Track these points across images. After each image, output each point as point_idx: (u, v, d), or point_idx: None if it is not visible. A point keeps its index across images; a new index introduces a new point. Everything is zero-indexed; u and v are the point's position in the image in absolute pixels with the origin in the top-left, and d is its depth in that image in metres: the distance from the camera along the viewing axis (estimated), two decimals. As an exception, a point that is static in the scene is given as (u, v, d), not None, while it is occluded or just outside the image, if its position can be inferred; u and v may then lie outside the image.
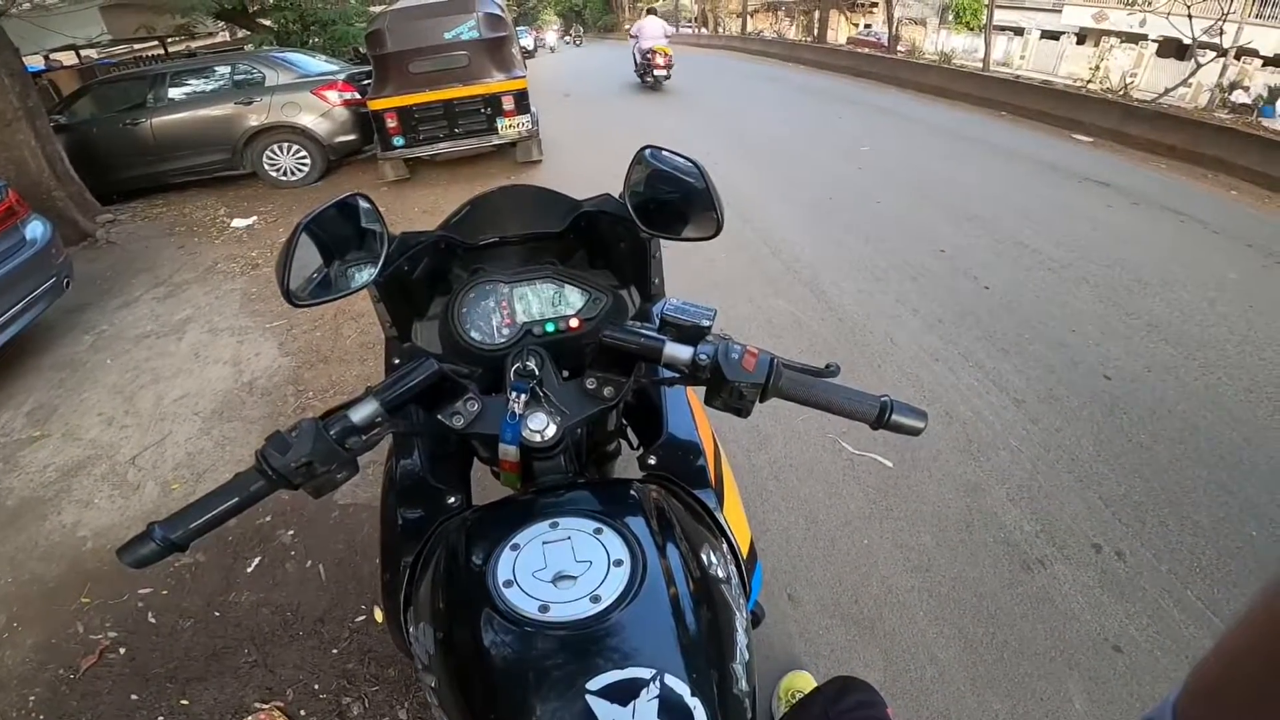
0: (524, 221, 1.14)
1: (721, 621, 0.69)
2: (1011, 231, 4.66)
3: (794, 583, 2.02)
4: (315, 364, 3.45)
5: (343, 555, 2.24)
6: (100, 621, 2.11)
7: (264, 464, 0.70)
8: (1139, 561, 2.04)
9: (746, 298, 3.81)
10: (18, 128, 5.47)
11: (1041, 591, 1.96)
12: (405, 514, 0.91)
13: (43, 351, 3.86)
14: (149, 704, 1.84)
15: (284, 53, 8.11)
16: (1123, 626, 1.85)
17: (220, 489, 0.71)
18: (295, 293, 0.82)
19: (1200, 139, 6.88)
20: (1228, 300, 3.59)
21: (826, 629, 1.88)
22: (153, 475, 2.75)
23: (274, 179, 7.27)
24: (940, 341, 3.24)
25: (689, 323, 0.81)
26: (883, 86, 12.17)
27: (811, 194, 5.73)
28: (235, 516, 0.71)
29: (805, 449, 2.55)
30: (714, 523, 0.87)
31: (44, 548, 2.45)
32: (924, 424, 0.77)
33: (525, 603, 0.64)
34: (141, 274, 5.00)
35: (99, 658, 1.98)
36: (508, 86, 6.49)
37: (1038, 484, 2.35)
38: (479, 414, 0.86)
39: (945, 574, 2.03)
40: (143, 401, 3.29)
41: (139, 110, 7.01)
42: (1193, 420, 2.63)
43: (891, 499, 2.31)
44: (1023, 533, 2.16)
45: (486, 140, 6.72)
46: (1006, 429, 2.62)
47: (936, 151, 7.11)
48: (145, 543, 0.68)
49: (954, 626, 1.87)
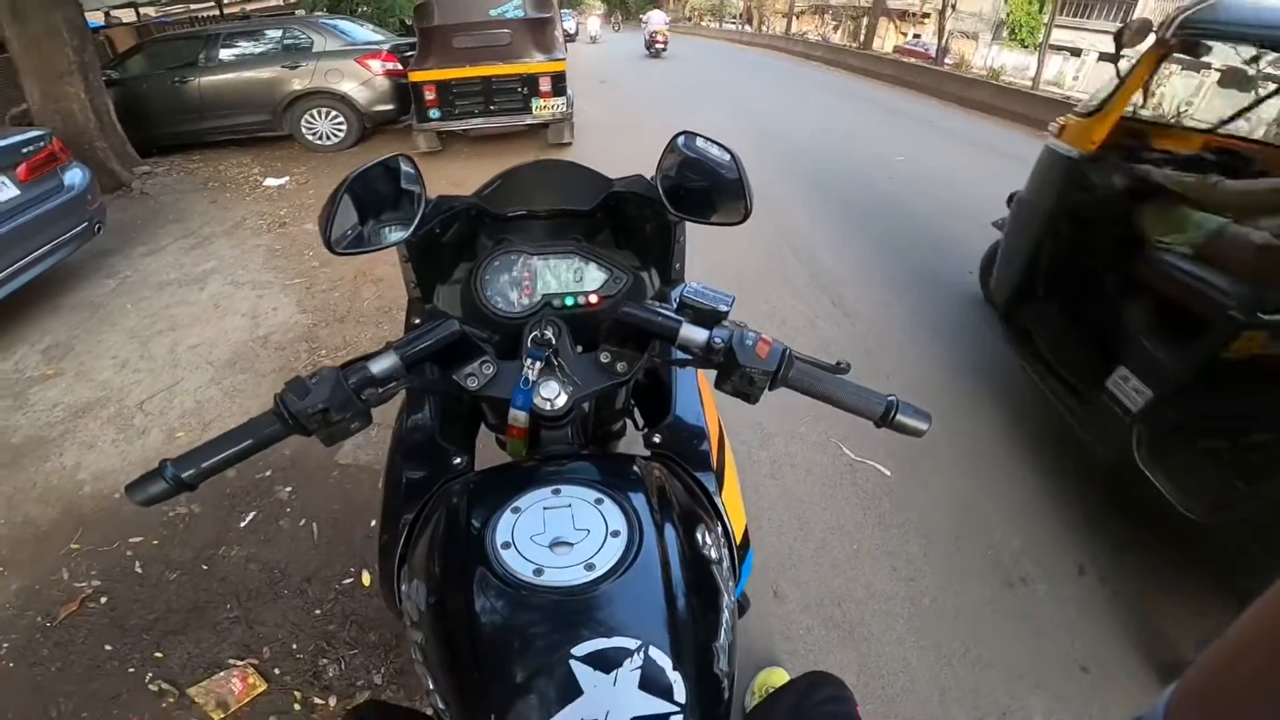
0: (554, 197, 1.15)
1: (710, 601, 0.70)
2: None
3: (781, 580, 2.02)
4: (331, 323, 3.50)
5: (338, 515, 2.25)
6: (86, 569, 2.11)
7: (282, 408, 0.71)
8: (1119, 586, 2.04)
9: (763, 298, 3.79)
10: (70, 80, 5.61)
11: (1021, 609, 1.96)
12: (410, 471, 0.92)
13: (66, 292, 3.94)
14: (121, 655, 1.83)
15: (333, 20, 8.24)
16: (1093, 648, 1.85)
17: (234, 430, 0.72)
18: (336, 241, 0.85)
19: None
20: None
21: (807, 628, 1.88)
22: (159, 421, 2.78)
23: (310, 142, 7.38)
24: (953, 360, 3.20)
25: (707, 306, 0.81)
26: (926, 98, 12.02)
27: (840, 199, 5.68)
28: (247, 458, 0.72)
29: (806, 450, 2.55)
30: (711, 505, 0.88)
31: (42, 489, 2.47)
32: (927, 426, 0.77)
33: (521, 565, 0.65)
34: (171, 224, 5.10)
35: (79, 606, 1.97)
36: (546, 68, 6.52)
37: (1030, 503, 2.33)
38: (493, 378, 0.87)
39: (929, 585, 2.03)
40: (158, 347, 3.34)
41: (189, 69, 7.15)
42: None
43: (885, 507, 2.30)
44: (1009, 550, 2.15)
45: (520, 119, 6.75)
46: (1009, 452, 2.57)
47: (974, 168, 7.00)
48: (155, 480, 0.69)
49: (931, 637, 1.87)
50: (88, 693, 1.73)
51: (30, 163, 3.57)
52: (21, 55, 5.47)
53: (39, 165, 3.64)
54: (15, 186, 3.45)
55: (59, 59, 5.51)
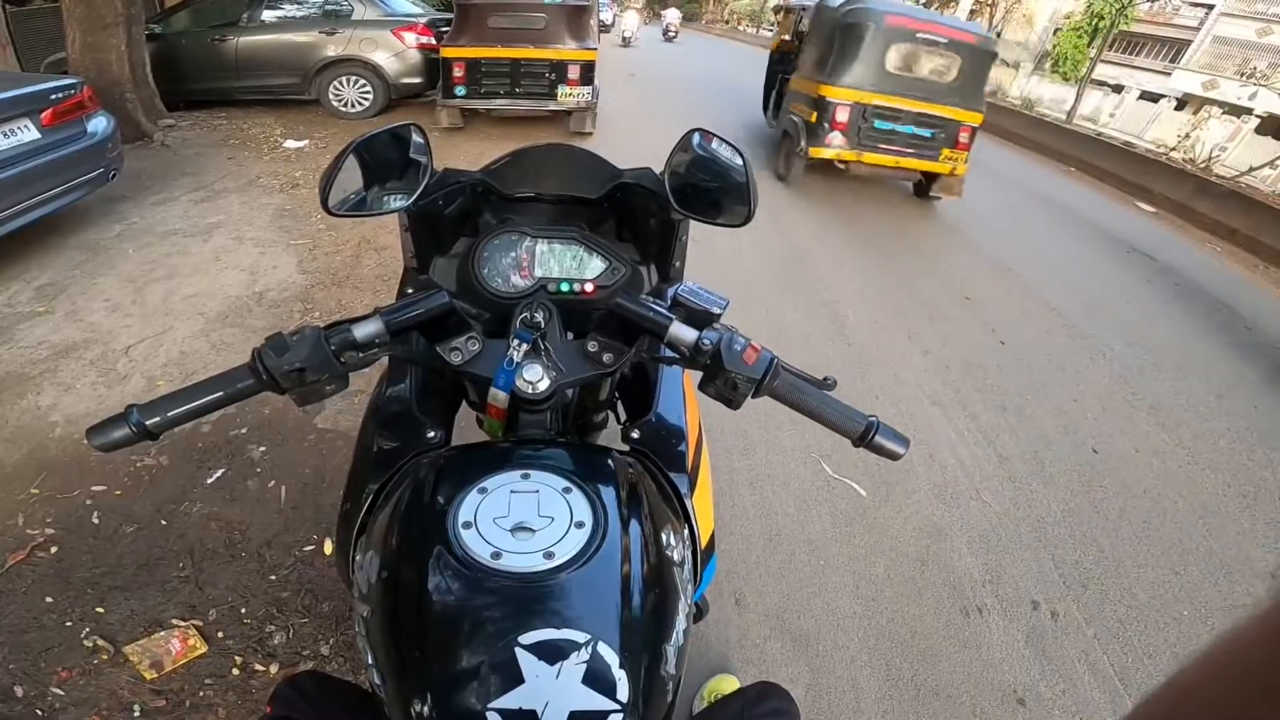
0: (562, 182, 1.14)
1: (666, 602, 0.69)
2: (1042, 290, 4.56)
3: (744, 588, 2.02)
4: (329, 286, 3.50)
5: (309, 480, 2.22)
6: (42, 516, 2.04)
7: (258, 362, 0.70)
8: (1069, 623, 2.06)
9: (764, 308, 3.78)
10: (112, 32, 5.63)
11: (972, 638, 1.97)
12: (382, 441, 0.91)
13: (71, 233, 3.95)
14: (61, 608, 1.77)
15: None
16: (1033, 682, 1.87)
17: (206, 380, 0.71)
18: (333, 202, 0.85)
19: (1265, 226, 6.66)
20: (1236, 397, 3.50)
21: (764, 638, 1.88)
22: (142, 368, 2.77)
23: (334, 108, 7.37)
24: (942, 386, 3.20)
25: (699, 307, 0.81)
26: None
27: (851, 219, 5.66)
28: (216, 411, 0.72)
29: (786, 463, 2.54)
30: (681, 506, 0.87)
31: (12, 428, 2.39)
32: (905, 450, 0.77)
33: (480, 547, 0.64)
34: (185, 177, 5.12)
35: (28, 554, 1.91)
36: (577, 55, 6.50)
37: (998, 537, 2.34)
38: (478, 354, 0.86)
39: (888, 607, 2.03)
40: (152, 294, 3.34)
41: (230, 28, 7.16)
42: (1164, 504, 2.61)
43: (856, 526, 2.30)
44: (970, 579, 2.16)
45: (544, 104, 6.74)
46: (984, 481, 2.59)
47: (990, 198, 6.96)
48: (119, 425, 0.68)
49: (882, 658, 1.87)
50: (19, 644, 1.68)
51: (56, 109, 3.60)
52: (71, 4, 5.49)
53: (65, 112, 3.67)
54: (36, 130, 3.48)
55: (107, 10, 5.53)
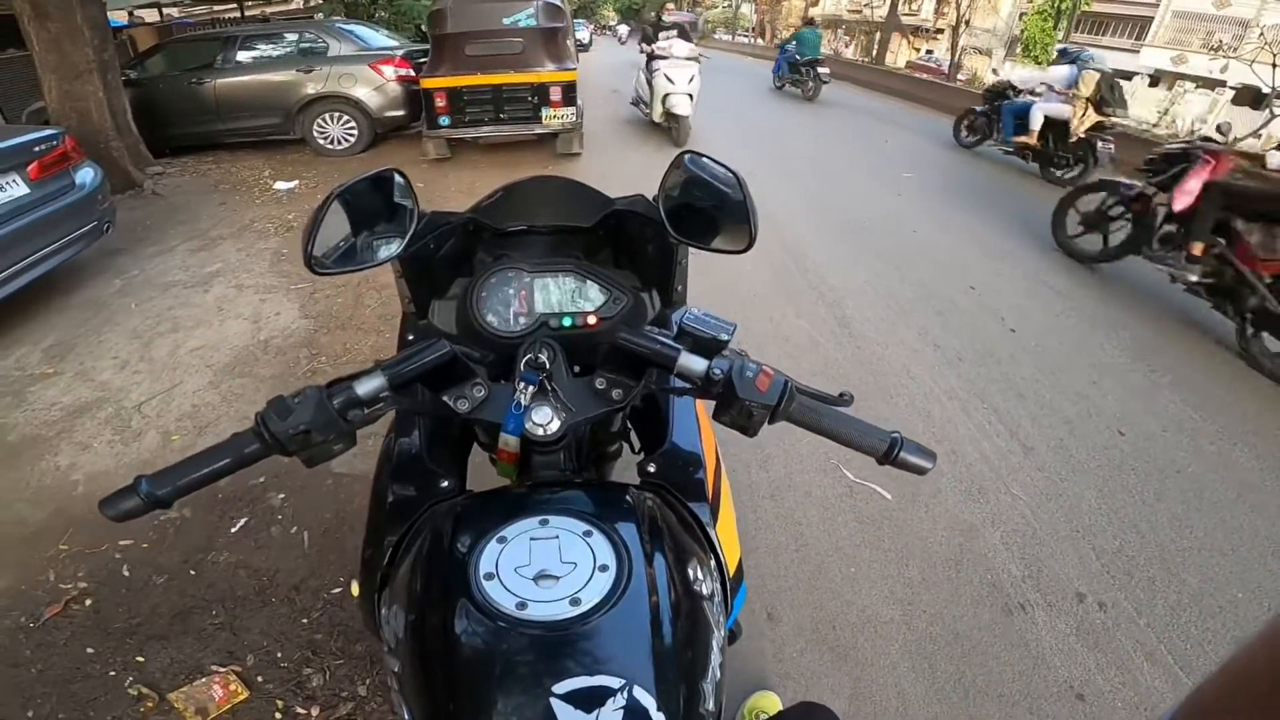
0: (554, 212, 1.12)
1: (698, 639, 0.68)
2: (1045, 273, 4.56)
3: (776, 602, 1.99)
4: (333, 329, 3.49)
5: (330, 525, 2.24)
6: (73, 571, 2.10)
7: (262, 427, 0.69)
8: (1119, 614, 2.02)
9: (767, 316, 3.76)
10: (88, 79, 5.64)
11: (1018, 635, 1.93)
12: (397, 491, 0.90)
13: (72, 290, 3.95)
14: (103, 658, 1.82)
15: (349, 25, 8.28)
16: (1090, 676, 1.83)
17: (214, 448, 0.71)
18: (318, 259, 0.82)
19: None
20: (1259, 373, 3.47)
21: (800, 651, 1.86)
22: (156, 424, 2.78)
23: (321, 146, 7.41)
24: (957, 380, 3.18)
25: (707, 335, 0.79)
26: (936, 114, 11.98)
27: (845, 215, 5.67)
28: (225, 477, 0.71)
29: (806, 472, 2.52)
30: (705, 537, 0.86)
31: (34, 489, 2.46)
32: (932, 464, 0.76)
33: (504, 598, 0.63)
34: (180, 225, 5.13)
35: (63, 608, 1.97)
36: (557, 77, 6.53)
37: (1033, 530, 2.31)
38: (484, 401, 0.85)
39: (926, 610, 2.00)
40: (159, 349, 3.35)
41: (206, 70, 7.21)
42: (1200, 483, 2.56)
43: (885, 530, 2.28)
44: (1010, 576, 2.13)
45: (529, 128, 6.76)
46: (1011, 474, 2.56)
47: (981, 184, 6.99)
48: (129, 496, 0.67)
49: (926, 662, 1.85)
50: (66, 694, 1.72)
51: (42, 161, 3.60)
52: (43, 53, 5.50)
53: (51, 164, 3.66)
54: (25, 185, 3.47)
55: (79, 58, 5.55)
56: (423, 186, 6.16)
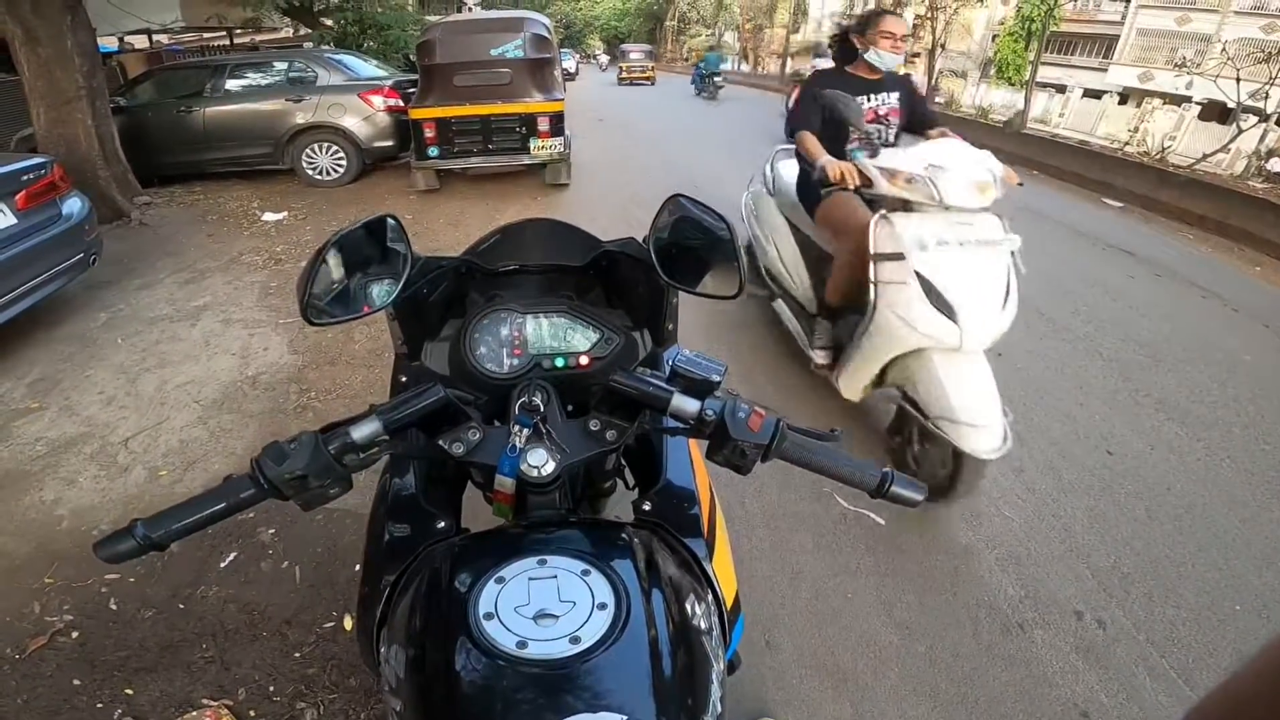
0: (545, 252, 1.14)
1: (698, 674, 0.69)
2: (1029, 297, 4.54)
3: (773, 629, 1.99)
4: (322, 365, 3.47)
5: (321, 559, 2.22)
6: (59, 604, 2.08)
7: (258, 472, 0.70)
8: (1118, 630, 2.03)
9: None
10: (77, 106, 5.60)
11: (1019, 655, 1.94)
12: (394, 530, 0.91)
13: (57, 324, 3.92)
14: (90, 690, 1.80)
15: (338, 54, 8.31)
16: (1093, 693, 1.84)
17: (209, 492, 0.72)
18: (313, 310, 0.83)
19: (1231, 210, 6.84)
20: (1239, 383, 3.53)
21: (800, 678, 1.85)
22: (142, 460, 2.75)
23: (310, 177, 7.40)
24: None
25: (699, 376, 0.81)
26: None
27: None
28: (221, 521, 0.72)
29: (799, 499, 2.52)
30: (702, 573, 0.86)
31: (18, 523, 2.43)
32: (922, 497, 0.78)
33: (504, 637, 0.64)
34: (167, 257, 5.11)
35: (49, 640, 1.95)
36: (545, 108, 6.57)
37: (1026, 551, 2.32)
38: (479, 443, 0.85)
39: (925, 633, 2.00)
40: (146, 384, 3.32)
41: (195, 99, 7.19)
42: (1190, 500, 2.60)
43: (880, 555, 2.28)
44: (1006, 597, 2.14)
45: (518, 159, 6.78)
46: (1002, 496, 2.57)
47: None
48: (125, 539, 0.68)
49: (927, 685, 1.85)
50: None
51: (29, 191, 3.55)
52: (32, 78, 5.47)
53: (38, 194, 3.62)
54: (12, 215, 3.43)
55: (68, 84, 5.51)
56: (411, 218, 6.18)
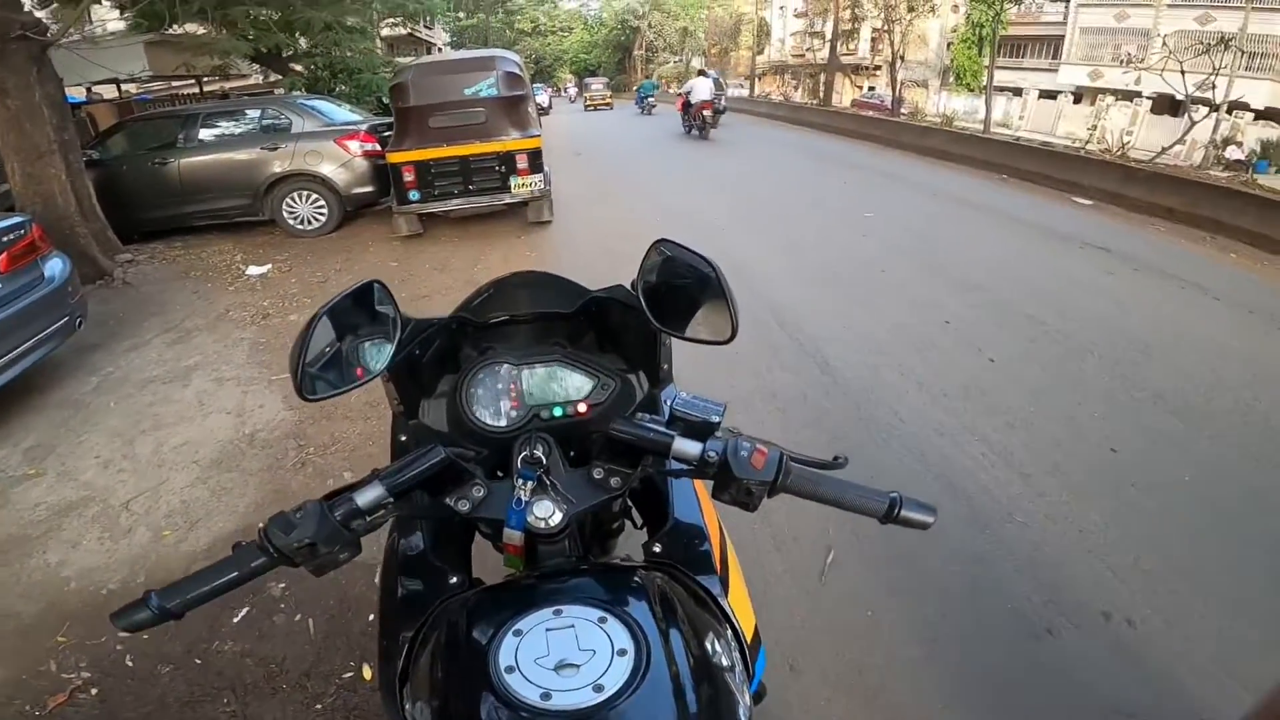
0: (534, 302, 1.15)
1: (723, 711, 0.69)
2: (1015, 301, 4.70)
3: (796, 653, 1.97)
4: (319, 419, 3.42)
5: (335, 611, 2.19)
6: (75, 661, 2.07)
7: (267, 542, 0.71)
8: (1150, 629, 2.03)
9: (752, 371, 3.74)
10: (50, 160, 5.46)
11: (1052, 661, 1.93)
12: (407, 586, 0.91)
13: (48, 390, 3.87)
14: None
15: (311, 100, 8.23)
16: (1135, 694, 1.83)
17: (220, 562, 0.73)
18: (308, 383, 0.83)
19: (1198, 200, 7.01)
20: (1231, 369, 3.60)
21: (828, 700, 1.83)
22: (145, 521, 2.72)
23: (291, 227, 7.28)
24: (945, 415, 3.23)
25: (698, 418, 0.82)
26: (886, 150, 12.44)
27: (815, 260, 5.81)
28: (234, 590, 0.73)
29: (806, 521, 2.50)
30: (718, 609, 0.86)
31: (25, 584, 2.43)
32: (933, 519, 0.78)
33: (527, 690, 0.63)
34: (153, 317, 5.05)
35: (68, 697, 1.94)
36: (522, 145, 6.57)
37: (1043, 555, 2.33)
38: (485, 499, 0.86)
39: (952, 644, 2.00)
40: (142, 447, 3.28)
41: (168, 150, 7.06)
42: (1202, 491, 2.62)
43: (896, 571, 2.28)
44: (1030, 603, 2.13)
45: (499, 198, 6.75)
46: (1012, 502, 2.59)
47: (939, 218, 7.25)
48: (140, 609, 0.70)
49: (961, 698, 1.83)
50: None
51: (10, 252, 3.45)
52: (4, 132, 5.33)
53: (18, 255, 3.52)
54: (-4, 279, 3.34)
55: (40, 137, 5.37)
56: (396, 265, 6.15)
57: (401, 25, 19.00)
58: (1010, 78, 26.06)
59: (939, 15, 24.68)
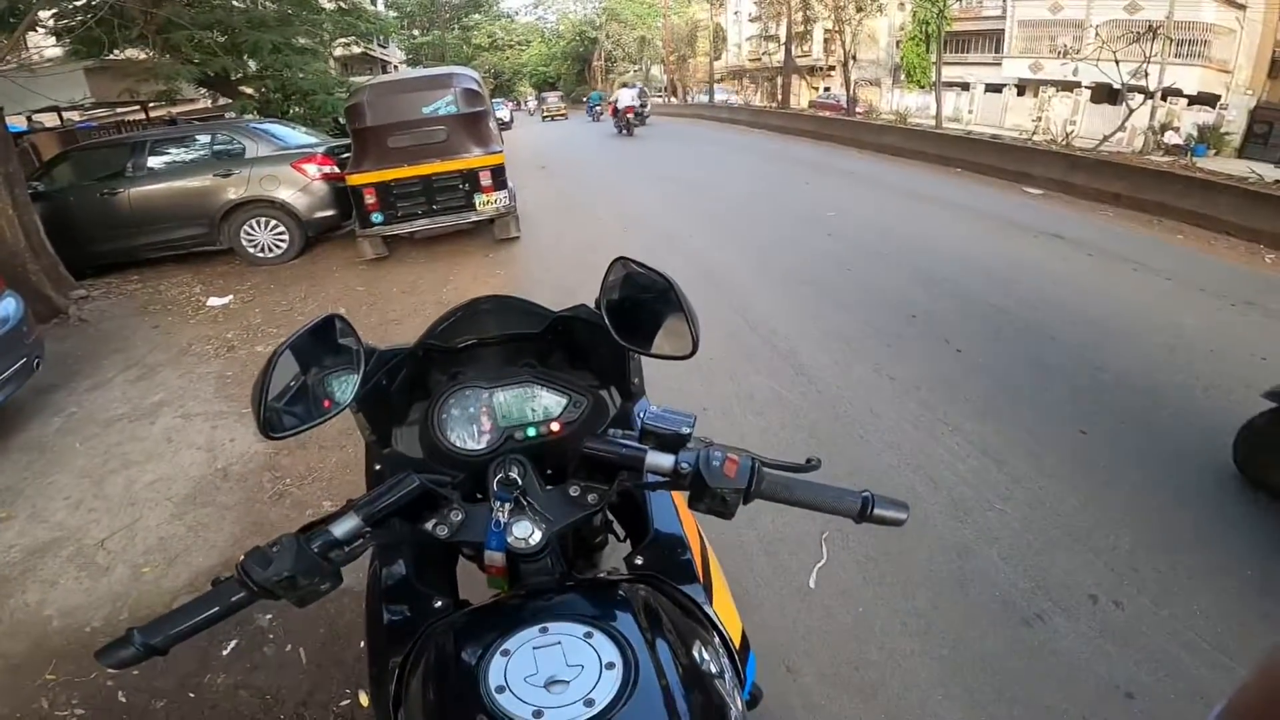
0: (500, 323, 1.14)
1: (715, 716, 0.70)
2: (977, 292, 4.82)
3: (791, 654, 1.99)
4: (293, 450, 3.35)
5: (325, 639, 2.16)
6: (67, 698, 2.04)
7: (245, 577, 0.71)
8: (1138, 608, 2.08)
9: (728, 375, 3.76)
10: None
11: (1045, 645, 1.97)
12: (392, 616, 0.91)
13: (9, 433, 3.74)
14: None
15: (264, 123, 7.99)
16: (1132, 673, 1.87)
17: (201, 597, 0.74)
18: (274, 420, 0.81)
19: (1142, 185, 7.28)
20: (1188, 347, 3.74)
21: (828, 698, 1.85)
22: (123, 558, 2.66)
23: (251, 256, 7.06)
24: (919, 408, 3.29)
25: (669, 431, 0.84)
26: (844, 149, 12.64)
27: (782, 263, 5.86)
28: (216, 624, 0.73)
29: (793, 522, 2.53)
30: (704, 617, 0.88)
31: (8, 625, 2.39)
32: (906, 515, 0.80)
33: (519, 708, 0.64)
34: (114, 354, 4.91)
35: None
36: (485, 161, 6.47)
37: (1026, 541, 2.38)
38: (463, 523, 0.87)
39: (945, 635, 2.03)
40: (112, 486, 3.20)
41: (117, 179, 6.80)
42: (1175, 468, 2.71)
43: (884, 567, 2.31)
44: (1018, 589, 2.18)
45: (464, 217, 6.65)
46: (991, 490, 2.65)
47: (899, 214, 7.39)
48: (124, 647, 0.70)
49: (959, 687, 1.86)
50: None
51: None
52: None
53: None
54: (-54, 322, 3.24)
55: None
56: (364, 289, 6.06)
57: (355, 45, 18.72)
58: (958, 73, 26.65)
59: (886, 14, 25.16)
